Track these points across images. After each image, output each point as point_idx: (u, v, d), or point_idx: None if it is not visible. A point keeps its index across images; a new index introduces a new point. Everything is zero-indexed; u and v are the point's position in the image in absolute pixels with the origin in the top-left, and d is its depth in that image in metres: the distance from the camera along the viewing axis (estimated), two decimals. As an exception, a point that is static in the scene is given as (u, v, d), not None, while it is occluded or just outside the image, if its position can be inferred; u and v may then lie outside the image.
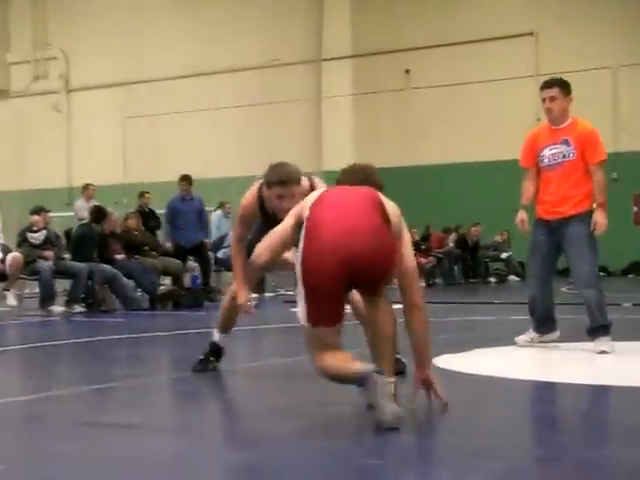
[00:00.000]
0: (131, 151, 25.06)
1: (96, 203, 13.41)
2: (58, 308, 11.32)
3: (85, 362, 6.73)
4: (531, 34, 22.36)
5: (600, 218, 6.22)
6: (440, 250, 20.16)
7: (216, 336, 5.66)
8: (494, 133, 22.11)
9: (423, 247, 19.99)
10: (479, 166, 22.16)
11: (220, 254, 14.98)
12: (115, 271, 11.68)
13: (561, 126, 6.39)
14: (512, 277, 20.59)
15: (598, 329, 6.26)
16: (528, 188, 6.61)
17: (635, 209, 21.85)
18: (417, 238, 20.32)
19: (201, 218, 13.55)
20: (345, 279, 4.01)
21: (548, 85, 6.43)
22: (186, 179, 13.47)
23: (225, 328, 5.67)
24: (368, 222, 4.05)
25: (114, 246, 12.13)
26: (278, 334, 8.91)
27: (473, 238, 20.66)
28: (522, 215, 6.61)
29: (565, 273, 9.21)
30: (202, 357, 5.64)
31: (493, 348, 6.67)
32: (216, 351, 5.64)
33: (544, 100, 6.39)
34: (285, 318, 10.34)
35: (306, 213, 4.16)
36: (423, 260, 19.60)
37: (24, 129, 26.14)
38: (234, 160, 23.69)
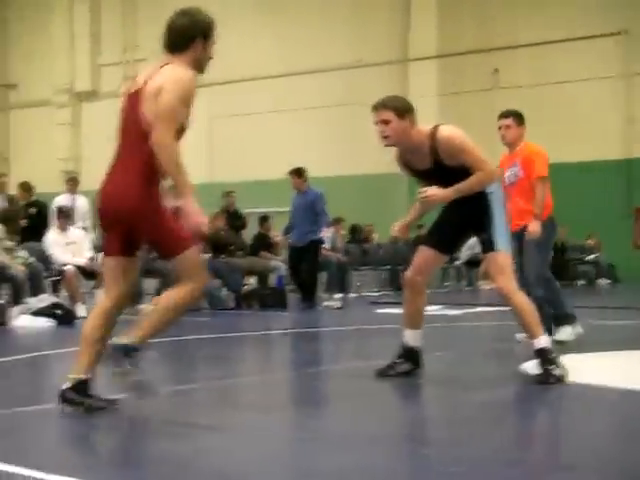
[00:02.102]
0: (216, 151, 25.31)
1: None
2: (146, 307, 11.46)
3: (170, 362, 6.79)
4: (620, 33, 21.82)
5: (532, 227, 7.04)
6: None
7: (406, 335, 5.40)
8: (583, 133, 21.66)
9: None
10: (566, 167, 21.70)
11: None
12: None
13: (514, 151, 7.23)
14: (602, 280, 20.20)
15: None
16: None
17: None
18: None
19: (312, 215, 12.36)
20: (108, 224, 4.31)
21: (504, 116, 7.25)
22: (293, 173, 12.71)
23: (412, 324, 5.39)
24: (115, 179, 4.36)
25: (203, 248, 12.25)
26: (360, 336, 8.84)
27: (560, 239, 20.31)
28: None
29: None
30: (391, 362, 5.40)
31: (580, 354, 6.50)
32: (406, 353, 5.37)
33: (500, 128, 7.21)
34: (369, 319, 10.28)
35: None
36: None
37: (114, 130, 26.60)
38: (319, 160, 23.58)
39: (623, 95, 21.89)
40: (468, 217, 5.22)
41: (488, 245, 5.20)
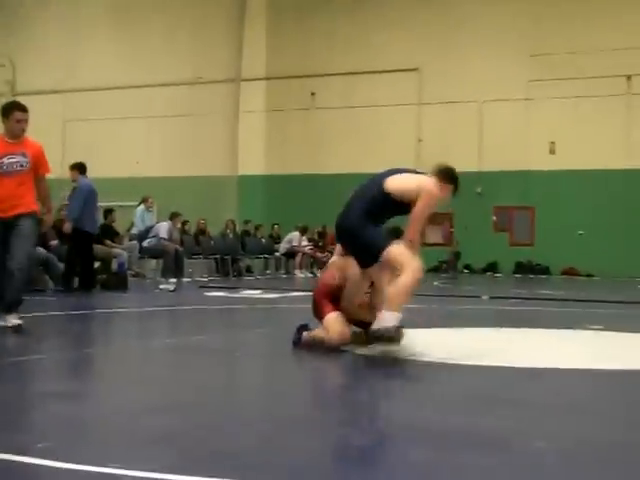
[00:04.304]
0: (69, 153, 24.38)
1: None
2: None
3: (16, 336, 6.47)
4: (416, 69, 22.72)
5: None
6: (334, 246, 20.25)
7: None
8: (382, 150, 22.37)
9: (320, 244, 20.09)
10: (367, 177, 22.32)
11: (145, 243, 14.71)
12: (49, 254, 11.32)
13: (19, 141, 6.72)
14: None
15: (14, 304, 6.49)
16: None
17: (494, 219, 22.36)
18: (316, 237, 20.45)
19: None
20: None
21: (24, 110, 6.81)
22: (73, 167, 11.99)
23: None
24: None
25: (49, 234, 11.71)
26: (193, 314, 8.75)
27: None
28: None
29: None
30: None
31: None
32: None
33: (19, 121, 6.70)
34: (199, 300, 10.21)
35: None
36: (320, 254, 19.70)
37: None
38: (161, 163, 23.50)
39: (415, 120, 22.84)
40: None
41: None
